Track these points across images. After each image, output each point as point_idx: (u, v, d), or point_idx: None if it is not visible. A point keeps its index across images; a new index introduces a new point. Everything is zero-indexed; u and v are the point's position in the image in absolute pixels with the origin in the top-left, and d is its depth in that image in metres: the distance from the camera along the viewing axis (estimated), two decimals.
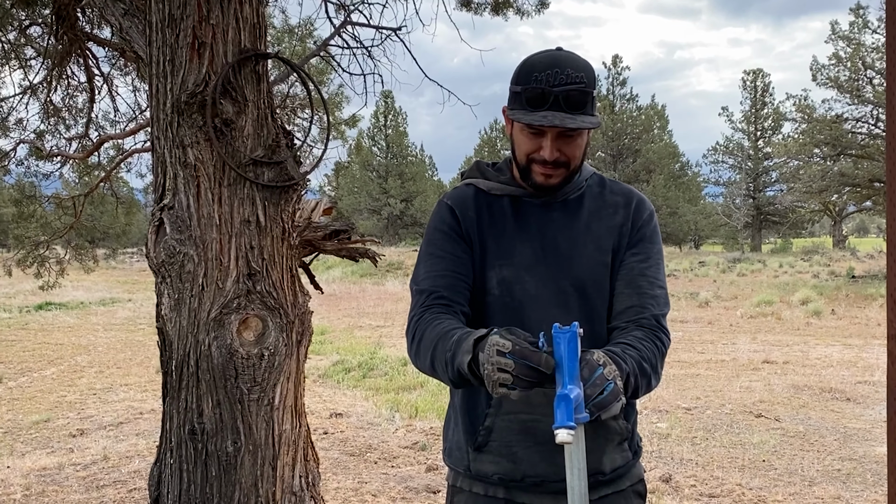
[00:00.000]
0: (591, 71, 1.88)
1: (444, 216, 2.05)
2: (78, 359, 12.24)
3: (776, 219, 57.98)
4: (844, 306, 18.40)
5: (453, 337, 1.73)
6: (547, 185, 1.96)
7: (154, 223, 3.18)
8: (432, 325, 1.85)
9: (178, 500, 3.24)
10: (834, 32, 32.09)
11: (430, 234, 2.06)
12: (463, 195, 2.07)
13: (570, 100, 1.82)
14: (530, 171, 1.95)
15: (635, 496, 2.07)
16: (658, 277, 1.99)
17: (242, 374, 3.15)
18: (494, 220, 2.02)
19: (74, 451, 6.76)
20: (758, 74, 59.48)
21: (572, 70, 1.83)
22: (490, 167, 2.12)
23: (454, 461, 2.10)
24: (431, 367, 1.82)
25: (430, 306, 1.92)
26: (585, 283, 1.96)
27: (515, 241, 1.99)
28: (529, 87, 1.85)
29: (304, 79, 3.74)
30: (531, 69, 1.86)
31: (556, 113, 1.82)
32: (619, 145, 58.07)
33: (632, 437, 2.05)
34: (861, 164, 32.04)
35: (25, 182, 9.81)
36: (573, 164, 1.94)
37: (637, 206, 2.05)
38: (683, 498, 5.34)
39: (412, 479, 5.78)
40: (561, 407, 1.49)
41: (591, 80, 1.86)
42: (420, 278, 2.00)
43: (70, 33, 5.84)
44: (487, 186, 2.06)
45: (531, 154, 1.93)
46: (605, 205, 2.04)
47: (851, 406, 8.16)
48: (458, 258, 1.99)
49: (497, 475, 1.99)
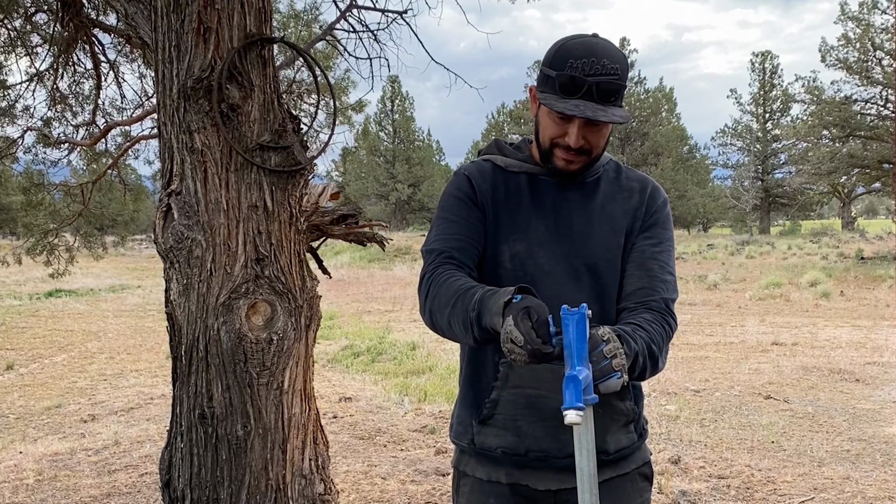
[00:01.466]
0: (625, 63, 1.88)
1: (461, 184, 2.05)
2: (88, 345, 12.30)
3: (785, 201, 57.79)
4: (853, 288, 18.35)
5: (475, 295, 1.73)
6: (567, 170, 1.97)
7: (162, 209, 3.19)
8: (447, 282, 1.84)
9: (189, 483, 3.26)
10: (843, 13, 31.86)
11: (444, 200, 2.07)
12: (481, 168, 2.08)
13: (602, 91, 1.82)
14: (552, 154, 1.96)
15: (641, 478, 2.07)
16: (669, 263, 2.00)
17: (251, 359, 3.17)
18: (510, 195, 2.03)
19: (86, 436, 6.80)
20: (766, 56, 59.17)
21: (608, 61, 1.83)
22: (508, 146, 2.13)
23: (458, 435, 2.11)
24: (448, 324, 1.82)
25: (442, 264, 1.92)
26: (598, 263, 1.97)
27: (530, 217, 2.00)
28: (564, 73, 1.84)
29: (310, 63, 3.74)
30: (567, 55, 1.85)
31: (587, 103, 1.82)
32: (627, 128, 57.88)
33: (638, 420, 2.06)
34: (870, 145, 31.89)
35: (34, 170, 9.82)
36: (595, 152, 1.96)
37: (652, 192, 2.07)
38: (692, 479, 5.35)
39: (421, 462, 5.80)
40: (570, 388, 1.50)
41: (624, 73, 1.86)
42: (432, 240, 2.01)
43: (76, 20, 5.84)
44: (505, 163, 2.07)
45: (555, 139, 1.93)
46: (620, 189, 2.05)
47: (860, 387, 8.15)
48: (471, 224, 1.99)
49: (500, 448, 2.00)
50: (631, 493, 2.04)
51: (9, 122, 8.50)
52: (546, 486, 1.98)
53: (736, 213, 60.12)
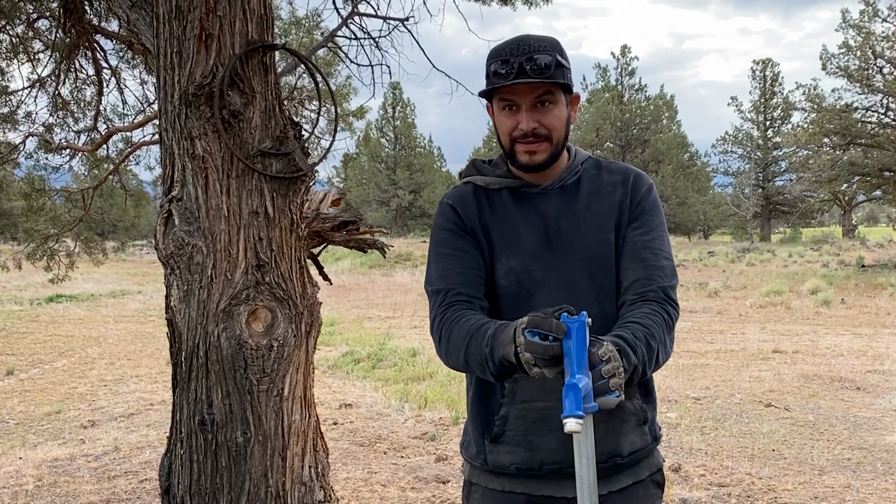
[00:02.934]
0: (556, 43, 1.91)
1: (448, 215, 2.06)
2: (89, 350, 12.29)
3: (785, 208, 57.81)
4: (854, 296, 18.34)
5: (487, 332, 1.74)
6: (532, 162, 1.96)
7: (163, 215, 3.19)
8: (459, 323, 1.85)
9: (189, 490, 3.26)
10: (844, 21, 31.88)
11: (435, 234, 2.07)
12: (462, 193, 2.09)
13: (535, 67, 1.85)
14: (515, 153, 1.97)
15: (654, 486, 2.07)
16: (662, 249, 1.99)
17: (252, 365, 3.17)
18: (496, 212, 2.04)
19: (86, 442, 6.79)
20: (767, 64, 59.24)
21: (535, 41, 1.87)
22: (486, 164, 2.14)
23: (471, 455, 2.10)
24: (466, 364, 1.83)
25: (451, 304, 1.93)
26: (591, 264, 1.97)
27: (519, 231, 2.00)
28: (495, 61, 1.89)
29: (311, 70, 3.74)
30: (497, 50, 1.91)
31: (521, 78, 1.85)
32: (628, 135, 57.95)
33: (651, 422, 2.05)
34: (871, 153, 31.88)
35: (35, 175, 9.82)
36: (554, 135, 1.95)
37: (635, 181, 2.05)
38: (693, 487, 5.34)
39: (421, 469, 5.79)
40: (569, 396, 1.50)
41: (557, 51, 1.89)
42: (434, 279, 2.01)
43: (78, 26, 5.85)
44: (485, 182, 2.08)
45: (512, 133, 1.95)
46: (603, 185, 2.05)
47: (861, 395, 8.14)
48: (467, 253, 2.00)
49: (514, 465, 1.99)
50: (644, 500, 2.03)
51: (11, 128, 8.52)
52: (563, 493, 1.96)
53: (737, 221, 60.07)
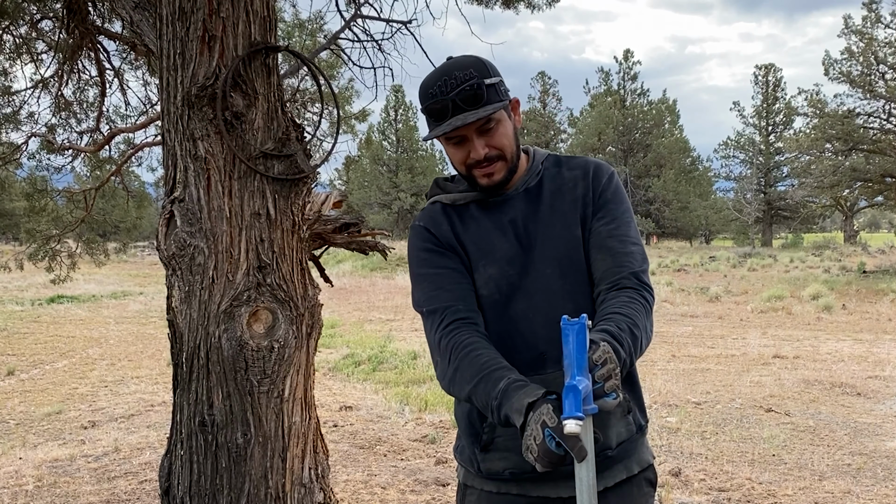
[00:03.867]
0: (479, 64, 1.94)
1: (423, 235, 2.09)
2: (90, 351, 12.30)
3: (787, 214, 57.86)
4: (855, 301, 18.32)
5: (499, 383, 1.75)
6: (492, 183, 2.01)
7: (165, 216, 3.19)
8: (470, 355, 1.86)
9: (189, 491, 3.26)
10: (847, 27, 31.86)
11: (415, 256, 2.10)
12: (431, 213, 2.12)
13: (467, 100, 1.89)
14: (474, 177, 2.01)
15: (646, 483, 2.08)
16: (629, 235, 2.01)
17: (252, 367, 3.17)
18: (467, 225, 2.06)
19: (86, 442, 6.80)
20: (769, 69, 59.36)
21: (459, 72, 1.90)
22: (449, 181, 2.18)
23: (464, 460, 2.12)
24: (468, 399, 1.86)
25: (454, 326, 1.93)
26: (561, 262, 2.00)
27: (492, 239, 2.03)
28: (428, 104, 1.93)
29: (314, 72, 3.75)
30: (425, 88, 1.95)
31: (458, 116, 1.89)
32: (630, 140, 58.01)
33: (635, 411, 2.07)
34: (873, 159, 31.88)
35: (37, 176, 9.83)
36: (507, 153, 1.99)
37: (595, 173, 2.08)
38: (693, 492, 5.34)
39: (421, 472, 5.79)
40: (569, 398, 1.52)
41: (483, 72, 1.92)
42: (424, 299, 2.04)
43: (81, 27, 5.86)
44: (450, 199, 2.11)
45: (466, 162, 1.99)
46: (564, 181, 2.08)
47: (862, 401, 8.14)
48: (453, 269, 2.03)
49: (508, 471, 2.01)
50: (637, 498, 2.05)
51: (13, 128, 8.52)
52: (559, 493, 1.98)
53: (738, 226, 60.07)
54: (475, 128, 1.92)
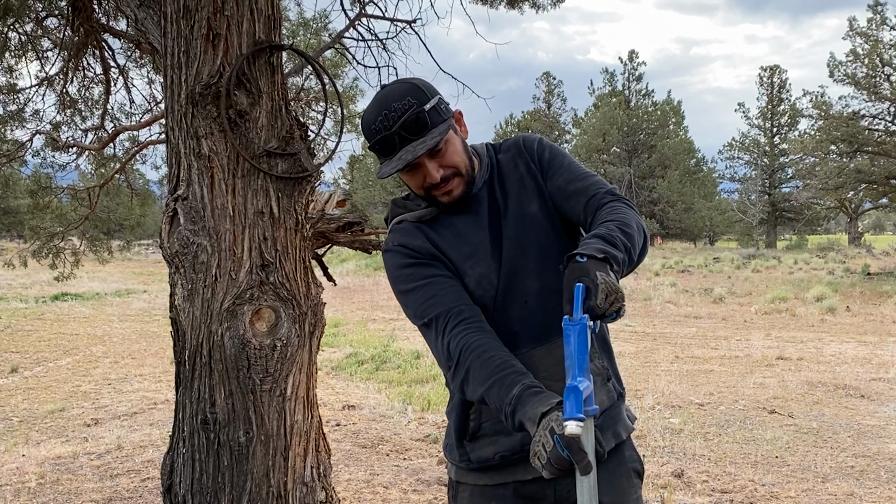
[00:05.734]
0: (414, 90, 1.94)
1: (400, 253, 2.07)
2: (93, 349, 12.32)
3: (791, 215, 57.78)
4: (859, 303, 18.28)
5: (513, 388, 1.75)
6: (454, 199, 2.03)
7: (168, 214, 3.19)
8: (482, 356, 1.85)
9: (191, 489, 3.26)
10: (852, 29, 31.79)
11: (397, 276, 2.08)
12: (402, 231, 2.11)
13: (409, 129, 1.88)
14: (435, 198, 2.02)
15: (634, 475, 2.13)
16: (583, 173, 2.08)
17: (255, 365, 3.17)
18: (442, 236, 2.06)
19: (89, 440, 6.80)
20: (774, 71, 59.29)
21: (397, 103, 1.90)
22: (406, 199, 2.18)
23: (454, 457, 2.13)
24: (481, 399, 1.86)
25: (462, 330, 1.91)
26: (521, 241, 2.03)
27: (471, 240, 2.05)
28: (373, 141, 1.93)
29: (318, 70, 3.75)
30: (368, 126, 1.95)
31: (406, 148, 1.90)
32: (635, 140, 57.93)
33: (613, 379, 2.11)
34: (877, 161, 31.81)
35: (42, 173, 9.84)
36: (461, 168, 2.01)
37: (525, 146, 2.15)
38: (695, 493, 5.33)
39: (424, 472, 5.79)
40: (570, 399, 1.51)
41: (420, 97, 1.92)
42: (420, 311, 2.01)
43: (86, 25, 5.87)
44: (416, 216, 2.10)
45: (423, 186, 2.00)
46: (507, 166, 2.13)
47: (865, 403, 8.12)
48: (441, 275, 2.02)
49: (498, 455, 2.02)
50: (626, 489, 2.08)
51: (18, 126, 8.53)
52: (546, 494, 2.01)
53: (742, 227, 60.06)
54: (425, 153, 1.92)
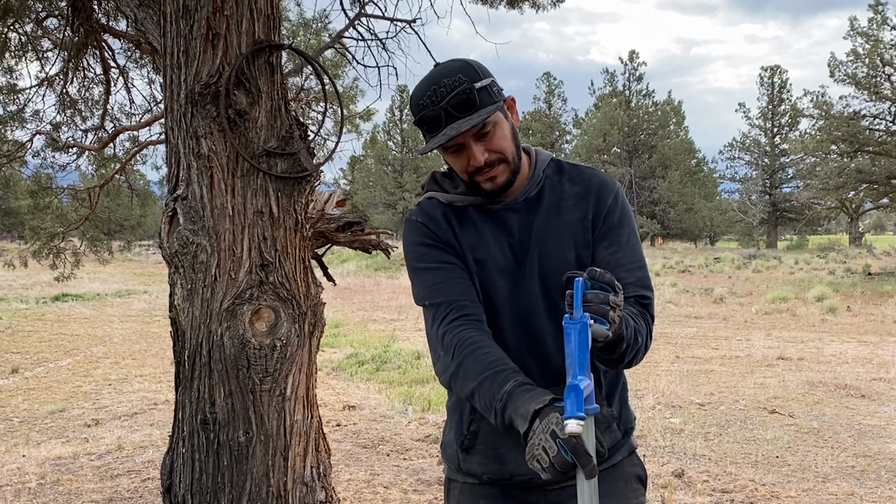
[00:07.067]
0: (468, 68, 1.89)
1: (420, 230, 2.05)
2: (93, 349, 12.32)
3: (792, 215, 57.77)
4: (860, 303, 18.28)
5: (504, 385, 1.72)
6: (496, 186, 1.96)
7: (167, 213, 3.19)
8: (476, 352, 1.83)
9: (190, 489, 3.26)
10: (852, 29, 31.77)
11: (413, 251, 2.05)
12: (429, 211, 2.08)
13: (457, 106, 1.84)
14: (477, 184, 1.97)
15: (635, 480, 2.10)
16: (633, 261, 1.97)
17: (254, 365, 3.16)
18: (465, 228, 2.03)
19: (89, 440, 6.80)
20: (775, 71, 59.29)
21: (448, 79, 1.86)
22: (446, 177, 2.13)
23: (448, 456, 2.13)
24: (470, 397, 1.83)
25: (460, 324, 1.90)
26: (545, 281, 1.97)
27: (487, 247, 2.00)
28: (420, 116, 1.90)
29: (317, 70, 3.74)
30: (416, 100, 1.91)
31: (452, 125, 1.85)
32: (635, 141, 57.96)
33: (620, 419, 2.07)
34: (878, 160, 31.81)
35: (42, 174, 9.84)
36: (507, 155, 1.94)
37: (598, 195, 2.02)
38: (696, 493, 5.32)
39: (424, 472, 5.79)
40: (571, 397, 1.51)
41: (472, 76, 1.88)
42: (426, 292, 1.99)
43: (86, 25, 5.87)
44: (448, 199, 2.07)
45: (468, 169, 1.95)
46: (564, 196, 2.03)
47: (866, 403, 8.12)
48: (454, 265, 2.00)
49: (486, 475, 2.03)
50: (626, 493, 2.05)
51: (18, 126, 8.53)
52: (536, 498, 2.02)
53: (743, 227, 60.06)
54: (472, 134, 1.88)
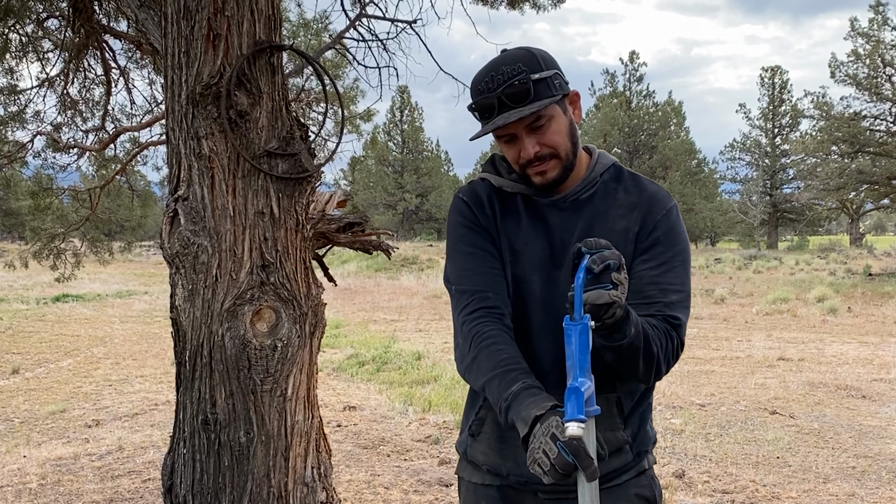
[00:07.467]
0: (529, 58, 1.85)
1: (463, 210, 2.03)
2: (94, 350, 12.31)
3: (793, 216, 57.75)
4: (861, 304, 18.27)
5: (512, 385, 1.72)
6: (546, 181, 1.92)
7: (168, 214, 3.19)
8: (490, 348, 1.82)
9: (191, 489, 3.26)
10: (853, 29, 31.75)
11: (453, 229, 2.04)
12: (477, 190, 2.05)
13: (513, 96, 1.81)
14: (528, 176, 1.94)
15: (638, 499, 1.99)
16: (674, 283, 1.88)
17: (255, 365, 3.16)
18: (507, 216, 2.00)
19: (90, 441, 6.80)
20: (776, 71, 59.23)
21: (507, 67, 1.83)
22: (505, 161, 2.07)
23: (459, 443, 2.15)
24: (482, 389, 1.84)
25: (481, 316, 1.88)
26: None
27: (526, 239, 1.97)
28: (476, 101, 1.87)
29: (318, 70, 3.74)
30: (475, 85, 1.89)
31: (505, 114, 1.82)
32: (636, 141, 57.96)
33: (634, 441, 1.98)
34: (879, 161, 31.79)
35: (43, 174, 9.84)
36: (560, 151, 1.91)
37: (648, 208, 1.94)
38: (697, 494, 5.32)
39: (425, 473, 5.79)
40: (571, 400, 1.50)
41: (532, 66, 1.84)
42: (456, 276, 1.97)
43: (87, 26, 5.87)
44: (499, 183, 2.03)
45: (518, 161, 1.92)
46: (615, 204, 1.96)
47: (867, 403, 8.11)
48: (488, 252, 1.97)
49: (486, 466, 2.03)
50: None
51: (19, 127, 8.54)
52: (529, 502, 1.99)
53: (744, 228, 59.97)
54: (524, 126, 1.85)
